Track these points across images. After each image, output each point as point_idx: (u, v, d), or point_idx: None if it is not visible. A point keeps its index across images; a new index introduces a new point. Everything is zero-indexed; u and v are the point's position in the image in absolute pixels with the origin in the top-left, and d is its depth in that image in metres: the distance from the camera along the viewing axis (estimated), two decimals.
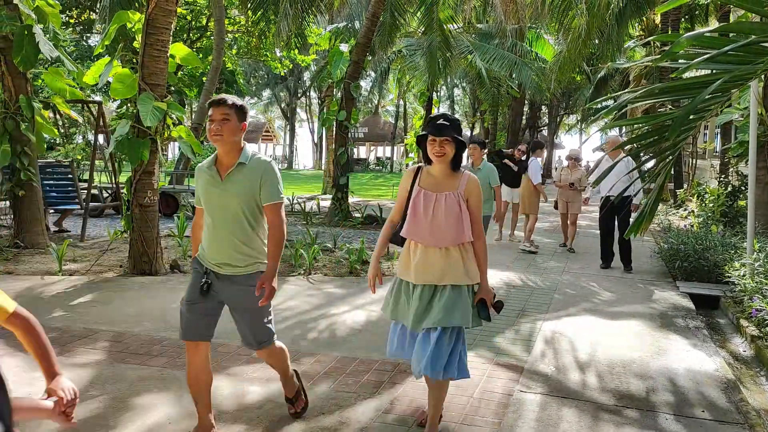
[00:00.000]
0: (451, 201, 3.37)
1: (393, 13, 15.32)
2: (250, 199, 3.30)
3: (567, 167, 10.49)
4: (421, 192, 3.42)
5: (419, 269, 3.42)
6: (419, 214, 3.40)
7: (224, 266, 3.35)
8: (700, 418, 3.88)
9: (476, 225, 3.44)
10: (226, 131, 3.22)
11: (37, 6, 9.00)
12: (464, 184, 3.42)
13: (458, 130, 3.38)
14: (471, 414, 3.85)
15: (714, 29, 3.17)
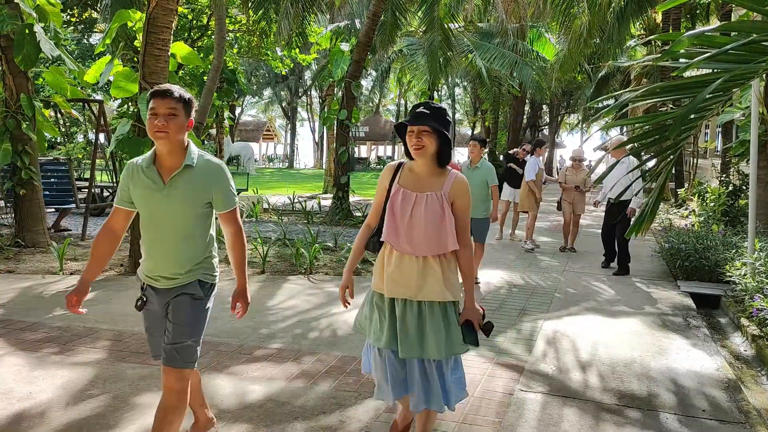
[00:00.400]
0: (433, 203, 2.93)
1: (394, 12, 15.30)
2: (197, 207, 2.93)
3: (571, 168, 10.26)
4: (400, 191, 3.01)
5: (392, 280, 3.00)
6: (396, 216, 2.98)
7: (162, 279, 2.97)
8: (701, 418, 3.88)
9: (463, 232, 3.00)
10: (172, 128, 2.82)
11: (38, 5, 9.01)
12: (450, 184, 2.98)
13: (441, 121, 2.94)
14: (472, 413, 3.85)
15: (715, 28, 3.17)
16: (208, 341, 5.16)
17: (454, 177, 3.00)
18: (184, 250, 2.94)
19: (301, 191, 21.60)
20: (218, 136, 19.22)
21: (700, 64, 2.93)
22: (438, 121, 2.92)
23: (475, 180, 7.35)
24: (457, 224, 2.99)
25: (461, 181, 3.01)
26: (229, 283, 7.37)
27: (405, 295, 2.99)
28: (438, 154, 2.96)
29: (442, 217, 2.92)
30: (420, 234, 2.94)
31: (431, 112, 2.92)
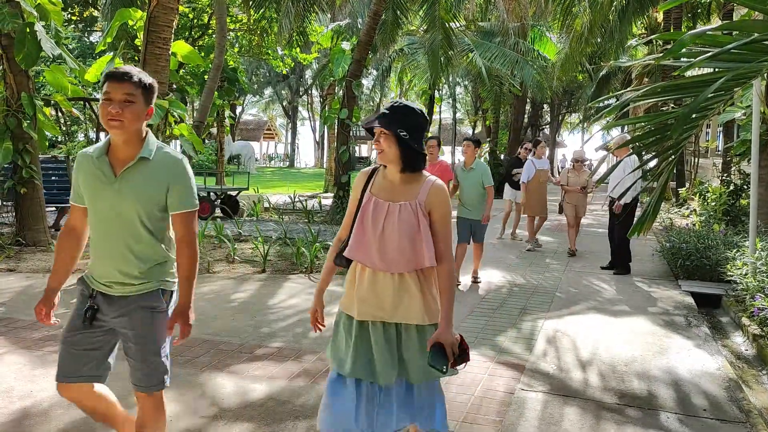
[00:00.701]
0: (407, 214, 2.61)
1: (395, 11, 15.31)
2: (152, 204, 2.60)
3: (573, 169, 9.98)
4: (371, 200, 2.68)
5: (363, 301, 2.68)
6: (366, 229, 2.66)
7: (115, 285, 2.65)
8: (701, 417, 3.87)
9: (442, 246, 2.65)
10: (128, 116, 2.50)
11: (39, 3, 9.00)
12: (426, 192, 2.64)
13: (405, 123, 2.60)
14: (473, 412, 3.85)
15: (717, 27, 3.17)
16: (208, 340, 5.17)
17: (431, 184, 2.66)
18: (136, 253, 2.63)
19: (301, 190, 21.60)
20: (219, 135, 19.21)
21: (702, 64, 2.93)
22: (397, 122, 2.59)
23: (470, 181, 7.37)
24: (436, 236, 2.64)
25: (439, 188, 2.66)
26: (230, 282, 7.40)
27: (378, 318, 2.68)
28: (402, 160, 2.63)
29: (417, 230, 2.60)
30: (393, 248, 2.61)
31: (390, 113, 2.62)
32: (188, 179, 2.68)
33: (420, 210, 2.61)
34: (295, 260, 8.40)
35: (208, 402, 3.95)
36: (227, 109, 18.58)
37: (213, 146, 27.87)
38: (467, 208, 7.42)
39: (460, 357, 2.57)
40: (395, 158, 2.63)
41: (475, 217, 7.40)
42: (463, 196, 7.47)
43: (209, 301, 6.50)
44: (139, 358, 2.68)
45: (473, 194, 7.39)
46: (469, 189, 7.41)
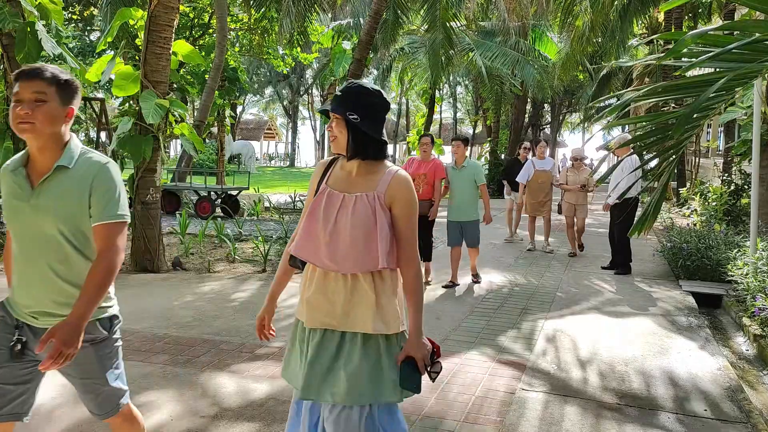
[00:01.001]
0: (363, 206, 2.28)
1: (396, 11, 15.29)
2: (74, 218, 2.26)
3: (572, 168, 9.78)
4: (325, 192, 2.36)
5: (312, 305, 2.35)
6: (316, 223, 2.32)
7: (42, 317, 2.32)
8: (702, 417, 3.87)
9: (405, 245, 2.33)
10: (39, 117, 2.17)
11: (39, 3, 9.00)
12: (387, 183, 2.32)
13: (357, 104, 2.30)
14: (473, 412, 3.85)
15: (718, 27, 3.16)
16: (209, 340, 5.17)
17: (392, 175, 2.34)
18: (64, 277, 2.30)
19: (302, 190, 21.60)
20: (219, 134, 19.24)
21: (703, 64, 2.93)
22: (347, 104, 2.29)
23: (461, 180, 7.28)
24: (398, 234, 2.32)
25: (401, 179, 2.34)
26: (231, 282, 7.40)
27: (327, 324, 2.33)
28: (352, 147, 2.31)
29: (373, 225, 2.26)
30: (345, 246, 2.26)
31: (342, 95, 2.33)
32: (113, 186, 2.32)
33: (378, 203, 2.29)
34: None
35: (209, 401, 3.95)
36: (228, 109, 18.60)
37: (213, 146, 27.90)
38: (458, 209, 7.32)
39: (432, 367, 2.37)
40: (346, 145, 2.32)
41: (466, 218, 7.30)
42: (453, 197, 7.36)
43: (210, 300, 6.50)
44: (87, 392, 2.45)
45: (465, 194, 7.29)
46: (460, 188, 7.31)
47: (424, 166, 7.25)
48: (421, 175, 7.15)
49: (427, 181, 7.17)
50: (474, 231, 7.37)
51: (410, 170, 7.16)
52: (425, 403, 3.95)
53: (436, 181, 7.19)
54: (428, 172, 7.19)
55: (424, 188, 7.15)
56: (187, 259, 8.59)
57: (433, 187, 7.19)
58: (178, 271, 7.98)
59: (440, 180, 7.22)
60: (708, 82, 2.96)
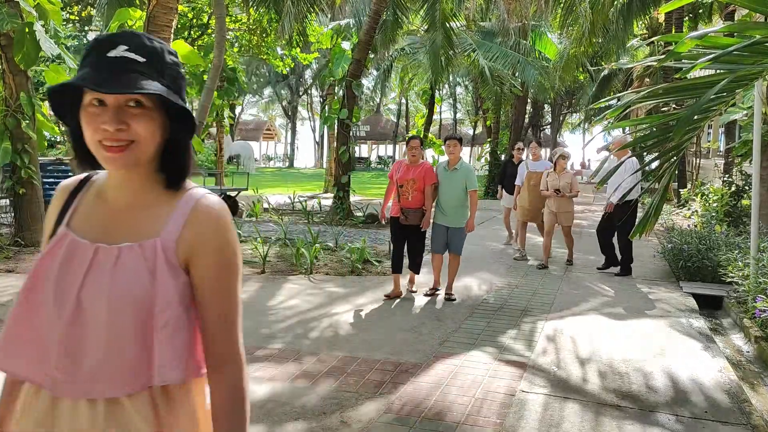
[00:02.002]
0: (134, 267, 1.26)
1: (395, 11, 15.31)
2: None
3: (553, 171, 8.78)
4: (65, 242, 1.31)
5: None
6: (43, 305, 1.26)
7: None
8: (702, 419, 3.86)
9: (217, 339, 1.32)
10: None
11: (38, 3, 8.99)
12: (182, 220, 1.32)
13: (160, 74, 1.25)
14: (473, 414, 3.83)
15: (718, 29, 3.15)
16: None
17: (192, 204, 1.34)
18: None
19: (301, 191, 21.59)
20: (218, 135, 19.21)
21: (704, 65, 2.92)
22: (154, 74, 1.25)
23: (452, 184, 6.74)
24: (205, 313, 1.31)
25: (209, 212, 1.34)
26: None
27: None
28: (165, 159, 1.34)
29: (151, 301, 1.24)
30: (98, 344, 1.23)
31: (144, 59, 1.24)
32: None
33: (164, 259, 1.27)
34: (294, 261, 8.39)
35: None
36: (227, 109, 18.58)
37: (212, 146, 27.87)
38: (444, 212, 6.78)
39: None
40: (152, 157, 1.31)
41: (453, 224, 6.77)
42: (441, 199, 6.82)
43: None
44: None
45: (453, 198, 6.74)
46: (449, 192, 6.76)
47: (412, 171, 6.73)
48: (410, 181, 6.66)
49: (417, 187, 6.65)
50: (460, 237, 6.82)
51: (397, 175, 6.74)
52: (425, 405, 3.94)
53: (427, 187, 6.68)
54: (417, 177, 6.68)
55: (414, 195, 6.66)
56: None
57: (423, 194, 6.69)
58: None
59: (431, 186, 6.72)
60: (709, 83, 2.95)
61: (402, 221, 6.70)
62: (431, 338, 5.39)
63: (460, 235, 6.79)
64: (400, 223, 6.72)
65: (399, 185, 6.69)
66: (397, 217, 6.76)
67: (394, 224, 6.86)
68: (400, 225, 6.75)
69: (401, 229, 6.78)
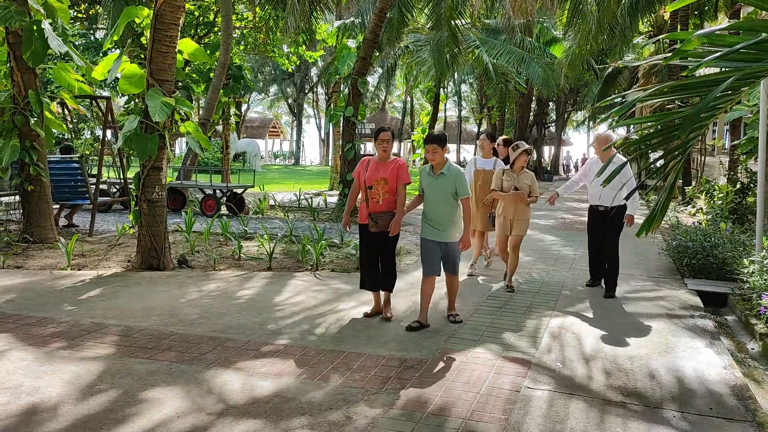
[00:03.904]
0: None
1: (401, 9, 15.31)
2: None
3: (510, 168, 7.27)
4: None
5: None
6: None
7: None
8: (708, 416, 3.87)
9: None
10: None
11: (45, 1, 9.04)
12: None
13: None
14: (478, 410, 3.86)
15: (724, 27, 3.16)
16: (215, 337, 5.19)
17: None
18: None
19: (307, 188, 21.61)
20: (224, 132, 19.25)
21: (710, 64, 2.93)
22: None
23: (438, 191, 5.64)
24: None
25: None
26: (236, 280, 7.42)
27: None
28: None
29: None
30: None
31: None
32: None
33: None
34: (300, 258, 8.42)
35: (215, 399, 3.97)
36: (233, 107, 18.62)
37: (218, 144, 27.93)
38: (435, 226, 5.67)
39: None
40: None
41: (449, 238, 5.67)
42: (428, 210, 5.72)
43: (215, 298, 6.52)
44: None
45: (444, 208, 5.64)
46: (436, 201, 5.66)
47: (383, 169, 5.77)
48: (380, 181, 5.73)
49: (389, 188, 5.73)
50: (455, 254, 5.77)
51: (365, 174, 5.79)
52: (430, 401, 3.97)
53: (399, 187, 5.76)
54: (389, 176, 5.75)
55: (385, 198, 5.74)
56: (193, 257, 8.62)
57: (395, 196, 5.77)
58: (184, 268, 8.00)
59: (404, 185, 5.81)
60: (715, 81, 2.96)
61: (371, 228, 5.75)
62: (436, 335, 5.41)
63: (457, 250, 5.75)
64: (370, 230, 5.80)
65: (367, 186, 5.78)
66: (365, 224, 5.83)
67: (363, 233, 5.95)
68: (369, 233, 5.83)
69: (372, 238, 5.85)
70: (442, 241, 5.68)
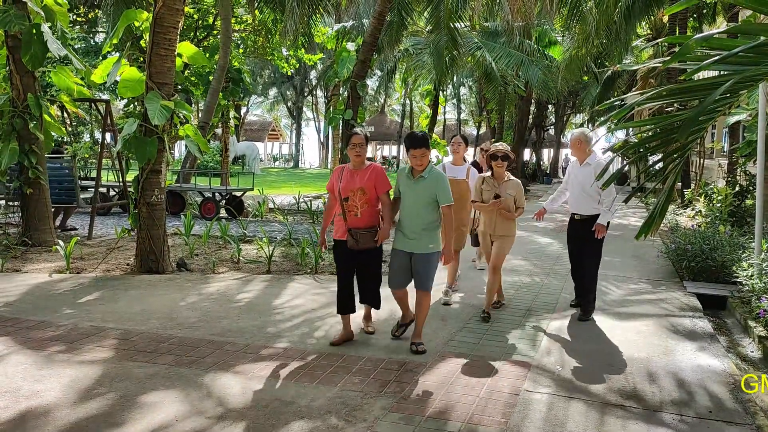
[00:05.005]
0: None
1: (400, 12, 15.31)
2: None
3: (491, 176, 6.22)
4: None
5: None
6: None
7: None
8: (707, 419, 3.87)
9: None
10: None
11: (45, 4, 9.04)
12: None
13: None
14: (477, 413, 3.85)
15: (722, 31, 3.17)
16: (214, 340, 5.18)
17: None
18: None
19: (306, 191, 21.61)
20: (223, 135, 19.28)
21: (709, 67, 2.93)
22: None
23: (416, 196, 5.03)
24: None
25: None
26: (235, 283, 7.42)
27: None
28: None
29: None
30: None
31: None
32: None
33: None
34: (299, 261, 8.42)
35: (214, 402, 3.96)
36: (232, 110, 18.65)
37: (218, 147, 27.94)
38: (407, 235, 5.07)
39: None
40: None
41: (419, 249, 5.02)
42: (403, 217, 5.13)
43: (215, 301, 6.52)
44: None
45: (419, 215, 5.02)
46: (414, 207, 5.05)
47: (359, 177, 5.10)
48: (357, 191, 5.05)
49: (368, 198, 5.06)
50: (427, 268, 5.04)
51: (340, 185, 5.11)
52: (429, 404, 3.96)
53: (381, 196, 5.13)
54: (366, 185, 5.07)
55: (364, 210, 5.05)
56: (192, 260, 8.61)
57: (376, 207, 5.14)
58: (183, 272, 8.00)
59: (386, 192, 5.16)
60: (713, 85, 2.96)
61: (351, 246, 5.05)
62: (436, 338, 5.41)
63: (430, 264, 5.04)
64: (349, 248, 5.09)
65: (343, 198, 5.09)
66: (343, 240, 5.12)
67: (340, 250, 5.19)
68: (348, 251, 5.11)
69: (350, 256, 5.14)
70: (414, 252, 5.05)
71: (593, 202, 6.03)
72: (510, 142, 26.26)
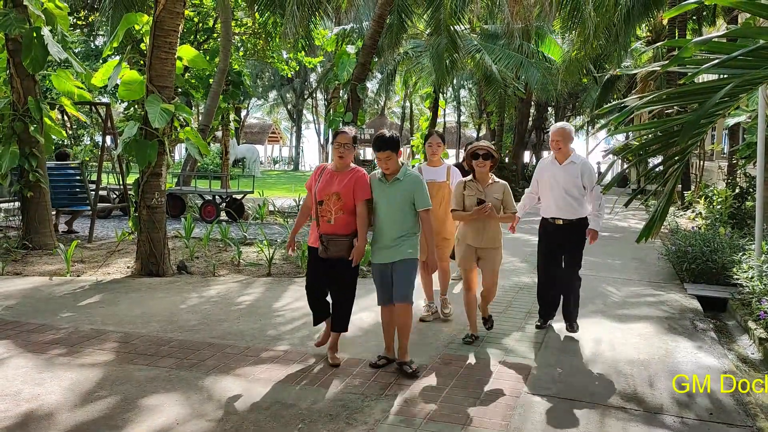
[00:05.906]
0: None
1: (400, 15, 15.33)
2: None
3: (473, 179, 5.28)
4: None
5: None
6: None
7: None
8: (707, 421, 3.87)
9: None
10: None
11: (45, 8, 9.06)
12: None
13: None
14: (478, 416, 3.85)
15: (721, 34, 3.18)
16: (214, 343, 5.18)
17: None
18: None
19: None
20: (224, 138, 19.29)
21: (708, 71, 2.94)
22: None
23: (393, 200, 4.60)
24: None
25: None
26: (235, 286, 7.41)
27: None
28: None
29: None
30: None
31: None
32: None
33: None
34: (300, 264, 8.41)
35: (215, 405, 3.96)
36: (232, 113, 18.65)
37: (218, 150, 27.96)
38: (382, 245, 4.65)
39: None
40: None
41: (395, 256, 4.59)
42: (379, 227, 4.67)
43: (215, 304, 6.52)
44: None
45: (396, 222, 4.60)
46: (390, 212, 4.62)
47: (337, 181, 4.65)
48: (332, 196, 4.61)
49: (343, 205, 4.60)
50: (406, 275, 4.59)
51: (318, 186, 4.72)
52: (429, 407, 3.96)
53: (358, 205, 4.61)
54: (344, 190, 4.61)
55: (338, 217, 4.61)
56: (192, 263, 8.61)
57: (352, 215, 4.64)
58: (183, 274, 8.00)
59: (363, 202, 4.63)
60: (713, 88, 2.97)
61: (321, 254, 4.64)
62: (436, 340, 5.41)
63: (408, 271, 4.60)
64: (320, 255, 4.67)
65: (317, 201, 4.71)
66: (316, 248, 4.73)
67: (312, 257, 4.84)
68: (319, 259, 4.69)
69: (322, 265, 4.71)
70: (393, 260, 4.61)
71: (578, 205, 5.50)
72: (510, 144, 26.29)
